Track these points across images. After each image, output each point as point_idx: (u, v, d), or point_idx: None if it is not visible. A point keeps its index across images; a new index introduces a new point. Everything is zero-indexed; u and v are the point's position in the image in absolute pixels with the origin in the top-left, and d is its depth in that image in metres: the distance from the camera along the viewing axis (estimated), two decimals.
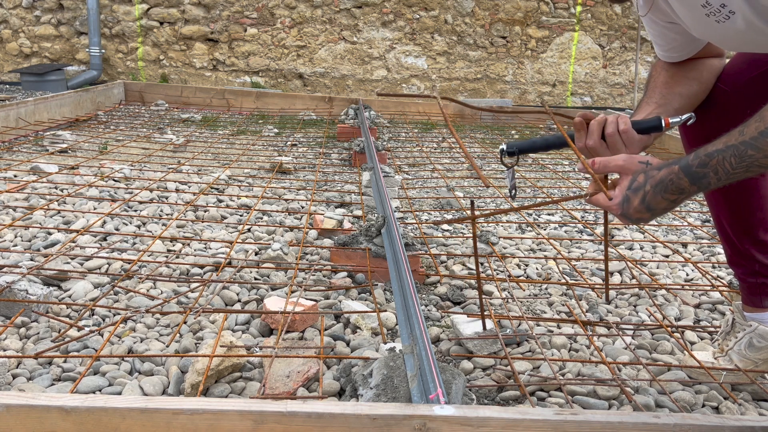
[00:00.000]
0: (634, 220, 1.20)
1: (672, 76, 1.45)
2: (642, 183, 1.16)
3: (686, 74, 1.44)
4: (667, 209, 1.15)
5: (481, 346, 1.69)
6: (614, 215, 1.24)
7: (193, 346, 1.64)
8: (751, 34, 1.13)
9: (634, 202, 1.17)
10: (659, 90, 1.44)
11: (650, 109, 1.42)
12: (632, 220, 1.20)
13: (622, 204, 1.19)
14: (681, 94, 1.43)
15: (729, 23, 1.12)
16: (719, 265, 2.48)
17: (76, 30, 7.33)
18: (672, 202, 1.13)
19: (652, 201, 1.14)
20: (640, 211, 1.16)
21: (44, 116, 4.92)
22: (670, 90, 1.43)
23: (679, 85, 1.43)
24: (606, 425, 1.08)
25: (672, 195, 1.12)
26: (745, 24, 1.10)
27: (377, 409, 1.07)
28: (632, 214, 1.18)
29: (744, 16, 1.09)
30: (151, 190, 3.17)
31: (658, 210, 1.15)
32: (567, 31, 7.61)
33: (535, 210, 3.26)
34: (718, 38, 1.24)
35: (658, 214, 1.17)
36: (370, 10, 7.43)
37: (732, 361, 1.58)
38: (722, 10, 1.10)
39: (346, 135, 5.04)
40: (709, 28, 1.19)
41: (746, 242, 1.51)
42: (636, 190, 1.17)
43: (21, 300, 1.78)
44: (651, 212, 1.16)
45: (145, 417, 1.06)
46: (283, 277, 2.16)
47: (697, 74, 1.43)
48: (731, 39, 1.20)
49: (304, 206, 3.07)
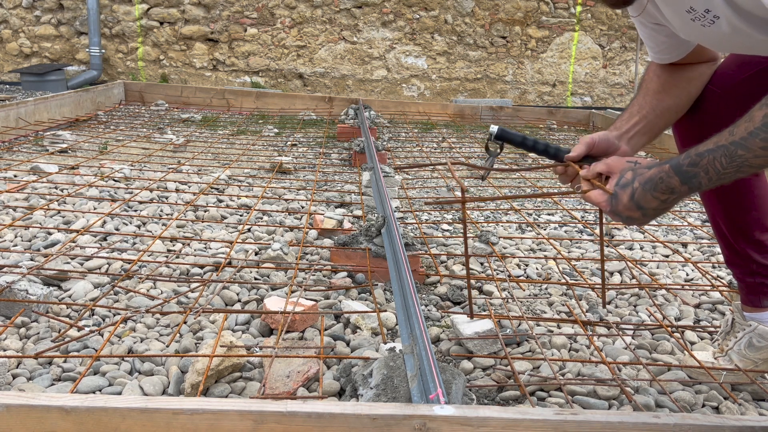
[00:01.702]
0: (624, 219, 1.20)
1: (663, 85, 1.45)
2: (630, 180, 1.17)
3: (677, 83, 1.44)
4: (659, 210, 1.15)
5: (481, 346, 1.69)
6: (606, 213, 1.24)
7: (193, 346, 1.64)
8: (738, 37, 1.14)
9: (623, 198, 1.17)
10: (650, 102, 1.45)
11: (635, 121, 1.44)
12: (623, 218, 1.20)
13: (611, 200, 1.20)
14: (669, 109, 1.45)
15: (714, 27, 1.13)
16: (719, 265, 2.48)
17: (76, 30, 7.33)
18: (663, 201, 1.13)
19: (642, 198, 1.14)
20: (630, 208, 1.17)
21: (44, 116, 4.92)
22: (660, 102, 1.44)
23: (669, 96, 1.44)
24: (606, 425, 1.08)
25: (662, 194, 1.12)
26: (730, 28, 1.11)
27: (377, 409, 1.07)
28: (622, 211, 1.18)
29: (728, 20, 1.09)
30: (151, 190, 3.17)
31: (649, 210, 1.15)
32: (567, 31, 7.61)
33: (535, 210, 3.26)
34: (706, 41, 1.24)
35: (650, 215, 1.17)
36: (370, 10, 7.43)
37: (732, 361, 1.58)
38: (707, 15, 1.11)
39: (346, 135, 5.04)
40: (696, 31, 1.20)
41: (742, 242, 1.51)
42: (624, 186, 1.17)
43: (21, 300, 1.78)
44: (641, 211, 1.16)
45: (145, 417, 1.06)
46: (283, 277, 2.16)
47: (686, 84, 1.44)
48: (719, 42, 1.21)
49: (304, 206, 3.07)
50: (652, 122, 1.44)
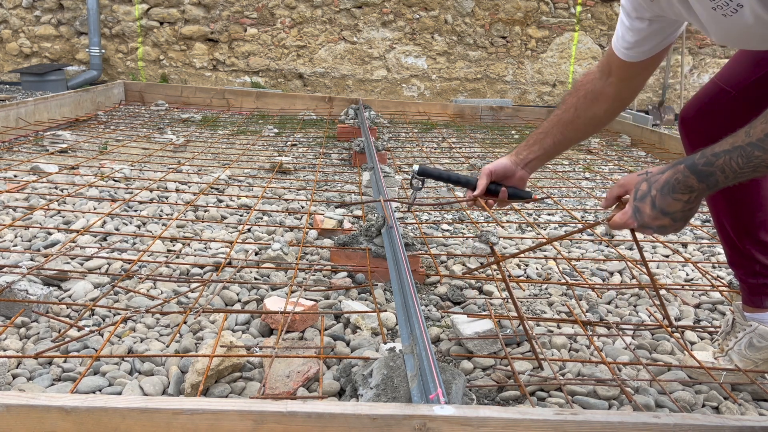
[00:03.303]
0: (657, 229, 1.20)
1: (577, 119, 1.56)
2: (647, 190, 1.17)
3: (590, 120, 1.56)
4: (685, 211, 1.15)
5: (481, 346, 1.69)
6: (636, 230, 1.25)
7: (193, 346, 1.64)
8: (759, 29, 1.12)
9: (645, 210, 1.17)
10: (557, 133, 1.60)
11: (534, 150, 1.62)
12: (654, 229, 1.20)
13: (634, 215, 1.20)
14: (570, 141, 1.61)
15: (736, 17, 1.11)
16: (719, 265, 2.48)
17: (76, 30, 7.33)
18: (686, 202, 1.13)
19: (663, 203, 1.14)
20: (656, 217, 1.17)
21: (44, 116, 4.92)
22: (566, 135, 1.60)
23: (576, 131, 1.59)
24: (606, 425, 1.08)
25: (683, 194, 1.12)
26: (754, 18, 1.09)
27: (377, 409, 1.07)
28: (649, 222, 1.18)
29: (752, 9, 1.08)
30: (151, 190, 3.17)
31: (676, 213, 1.15)
32: (567, 31, 7.61)
33: (535, 210, 3.26)
34: (722, 33, 1.22)
35: (680, 219, 1.16)
36: (370, 10, 7.43)
37: (732, 361, 1.58)
38: (730, 3, 1.10)
39: (346, 135, 5.04)
40: (716, 21, 1.17)
41: (747, 243, 1.51)
42: (642, 198, 1.17)
43: (21, 300, 1.78)
44: (669, 216, 1.16)
45: (145, 417, 1.06)
46: (283, 277, 2.16)
47: (596, 121, 1.57)
48: (737, 33, 1.19)
49: (304, 206, 3.07)
50: (550, 152, 1.62)
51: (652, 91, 7.76)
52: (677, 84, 7.66)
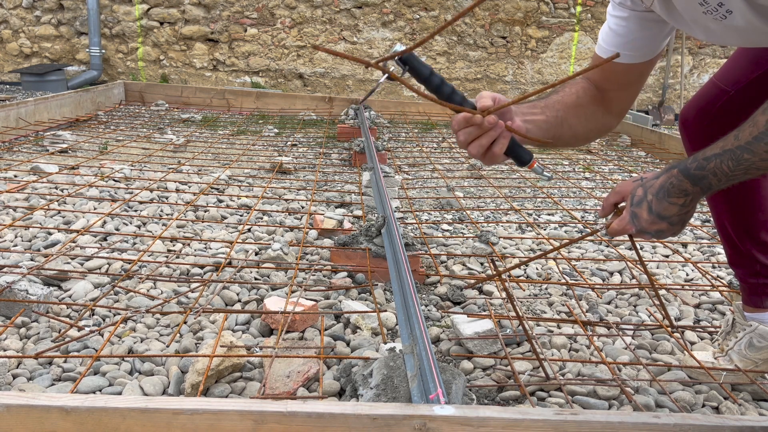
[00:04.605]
0: (655, 234, 1.20)
1: (579, 104, 1.34)
2: (642, 195, 1.17)
3: (594, 113, 1.35)
4: (682, 215, 1.15)
5: (481, 346, 1.69)
6: (634, 236, 1.25)
7: (193, 346, 1.64)
8: (751, 33, 1.13)
9: (642, 214, 1.18)
10: (559, 107, 1.32)
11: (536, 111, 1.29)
12: (652, 234, 1.20)
13: (632, 221, 1.20)
14: (566, 123, 1.33)
15: (727, 22, 1.12)
16: (719, 265, 2.48)
17: (76, 30, 7.33)
18: (681, 206, 1.13)
19: (659, 208, 1.15)
20: (653, 222, 1.17)
21: (44, 116, 4.92)
22: (567, 115, 1.32)
23: (576, 117, 1.34)
24: (606, 425, 1.08)
25: (678, 198, 1.13)
26: (745, 22, 1.10)
27: (377, 409, 1.07)
28: (647, 227, 1.19)
29: (743, 15, 1.09)
30: (151, 190, 3.17)
31: (673, 217, 1.15)
32: (567, 31, 7.61)
33: (535, 210, 3.26)
34: (715, 36, 1.23)
35: (677, 223, 1.17)
36: (370, 11, 7.43)
37: (732, 361, 1.58)
38: (719, 9, 1.10)
39: (346, 135, 5.04)
40: (706, 25, 1.18)
41: (748, 243, 1.51)
42: (639, 203, 1.18)
43: (21, 300, 1.78)
44: (666, 221, 1.16)
45: (146, 417, 1.06)
46: (283, 277, 2.16)
47: (595, 120, 1.36)
48: (729, 36, 1.20)
49: (304, 206, 3.07)
50: (550, 122, 1.30)
51: (652, 91, 7.76)
52: (677, 84, 7.66)
